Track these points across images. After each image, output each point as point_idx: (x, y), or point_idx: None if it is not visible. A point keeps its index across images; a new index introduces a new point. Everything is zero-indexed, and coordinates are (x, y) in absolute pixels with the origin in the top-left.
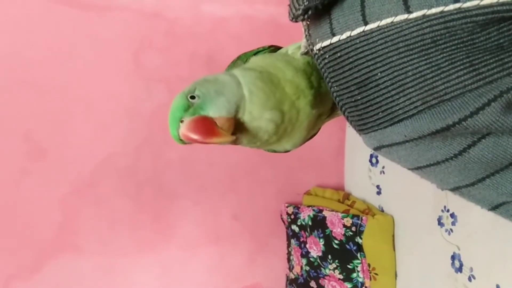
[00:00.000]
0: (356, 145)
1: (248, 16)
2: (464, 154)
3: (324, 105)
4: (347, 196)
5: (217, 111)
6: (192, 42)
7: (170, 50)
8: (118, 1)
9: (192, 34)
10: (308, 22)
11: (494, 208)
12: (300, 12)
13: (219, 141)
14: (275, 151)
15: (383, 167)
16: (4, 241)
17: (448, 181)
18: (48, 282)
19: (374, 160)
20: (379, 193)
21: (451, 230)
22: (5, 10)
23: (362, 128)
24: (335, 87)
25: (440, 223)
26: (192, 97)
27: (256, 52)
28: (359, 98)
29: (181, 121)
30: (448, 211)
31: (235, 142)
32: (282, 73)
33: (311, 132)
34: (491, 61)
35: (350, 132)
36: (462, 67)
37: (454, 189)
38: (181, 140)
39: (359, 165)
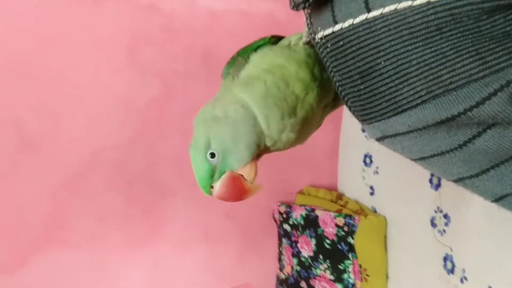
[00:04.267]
0: (350, 145)
1: (245, 11)
2: (469, 145)
3: (327, 96)
4: (340, 196)
5: (240, 162)
6: (188, 36)
7: (165, 43)
8: None
9: (188, 28)
10: (309, 10)
11: (498, 199)
12: (301, 0)
13: (251, 192)
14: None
15: (377, 168)
16: None
17: (452, 172)
18: (35, 277)
19: (368, 160)
20: (372, 193)
21: (444, 231)
22: None
23: (365, 118)
24: (338, 77)
25: (433, 224)
26: (212, 154)
27: (256, 47)
28: (362, 87)
29: (212, 187)
30: (441, 211)
31: None
32: (286, 71)
33: (317, 124)
34: (497, 49)
35: (345, 132)
36: (467, 55)
37: (458, 180)
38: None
39: (352, 165)
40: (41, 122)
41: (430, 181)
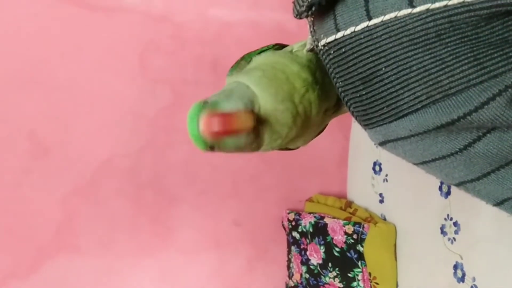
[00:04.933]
0: (359, 153)
1: (254, 21)
2: (469, 149)
3: (329, 101)
4: (349, 204)
5: (233, 105)
6: (198, 46)
7: (176, 53)
8: (126, 3)
9: (199, 38)
10: (312, 18)
11: (499, 203)
12: (304, 8)
13: (241, 127)
14: (288, 149)
15: (386, 175)
16: (3, 239)
17: (453, 176)
18: (46, 282)
19: (377, 168)
20: (381, 201)
21: (454, 239)
22: (12, 8)
23: (367, 123)
24: (340, 83)
25: (443, 232)
26: (205, 102)
27: (260, 52)
28: (364, 93)
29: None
30: (451, 219)
31: (258, 145)
32: (288, 68)
33: (319, 128)
34: (495, 55)
35: (354, 140)
36: (466, 61)
37: (459, 184)
38: (202, 142)
39: (362, 173)
40: (53, 130)
41: (440, 188)
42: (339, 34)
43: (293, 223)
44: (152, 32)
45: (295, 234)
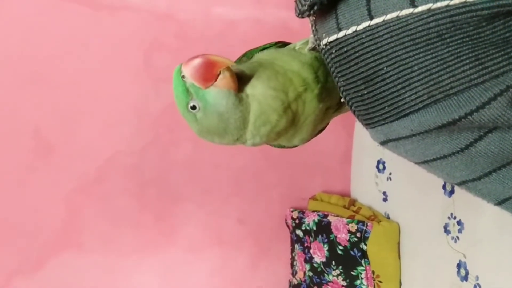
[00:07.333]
0: (363, 151)
1: (258, 19)
2: (471, 148)
3: (331, 99)
4: (353, 202)
5: None
6: (202, 44)
7: (180, 51)
8: (130, 2)
9: (202, 36)
10: (314, 17)
11: (500, 202)
12: (306, 7)
13: (219, 60)
14: (284, 147)
15: (390, 174)
16: (8, 237)
17: (454, 175)
18: (50, 279)
19: (381, 166)
20: (385, 199)
21: (458, 237)
22: (17, 7)
23: (369, 122)
24: (342, 82)
25: (446, 231)
26: None
27: (262, 49)
28: (365, 92)
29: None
30: (454, 218)
31: (242, 117)
32: (288, 65)
33: (319, 127)
34: (497, 55)
35: (358, 138)
36: (467, 61)
37: (461, 184)
38: (183, 85)
39: (365, 172)
40: (58, 128)
41: (444, 187)
42: (341, 34)
43: (297, 221)
44: (156, 30)
45: (298, 232)
